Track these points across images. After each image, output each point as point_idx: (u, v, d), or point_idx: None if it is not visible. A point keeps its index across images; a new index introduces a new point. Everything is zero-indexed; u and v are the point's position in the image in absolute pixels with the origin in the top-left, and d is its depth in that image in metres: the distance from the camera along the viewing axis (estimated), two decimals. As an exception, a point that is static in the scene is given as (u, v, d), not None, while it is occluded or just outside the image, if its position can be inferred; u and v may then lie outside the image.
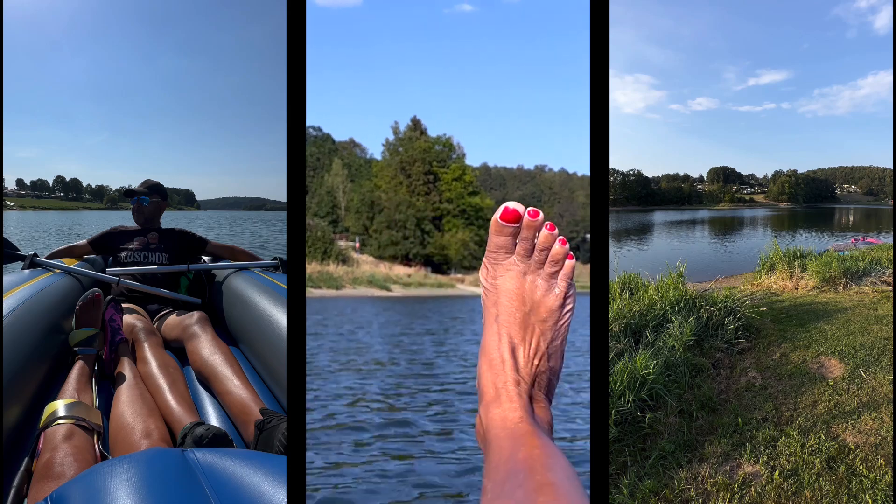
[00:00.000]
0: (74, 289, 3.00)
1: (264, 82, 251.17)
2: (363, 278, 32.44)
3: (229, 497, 1.10)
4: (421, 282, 37.29)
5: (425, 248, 44.66)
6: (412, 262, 43.25)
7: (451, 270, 44.44)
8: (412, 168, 46.90)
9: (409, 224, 44.76)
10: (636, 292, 4.76)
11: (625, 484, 2.40)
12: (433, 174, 47.32)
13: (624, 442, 2.76)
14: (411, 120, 50.29)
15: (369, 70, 68.32)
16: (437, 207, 46.74)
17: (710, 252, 19.52)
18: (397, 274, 37.41)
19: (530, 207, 0.80)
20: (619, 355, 3.46)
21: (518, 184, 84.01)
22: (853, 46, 71.42)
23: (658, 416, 2.96)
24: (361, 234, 45.33)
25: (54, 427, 1.77)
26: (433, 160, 47.48)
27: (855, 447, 2.53)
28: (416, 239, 44.66)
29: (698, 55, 77.82)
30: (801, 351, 3.85)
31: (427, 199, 46.57)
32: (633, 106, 70.81)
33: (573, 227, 71.16)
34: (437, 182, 47.38)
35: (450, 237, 45.65)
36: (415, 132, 49.32)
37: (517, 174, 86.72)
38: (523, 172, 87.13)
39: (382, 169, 49.24)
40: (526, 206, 0.80)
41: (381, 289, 31.67)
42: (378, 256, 43.47)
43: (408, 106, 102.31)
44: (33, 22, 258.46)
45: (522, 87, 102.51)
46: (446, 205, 46.91)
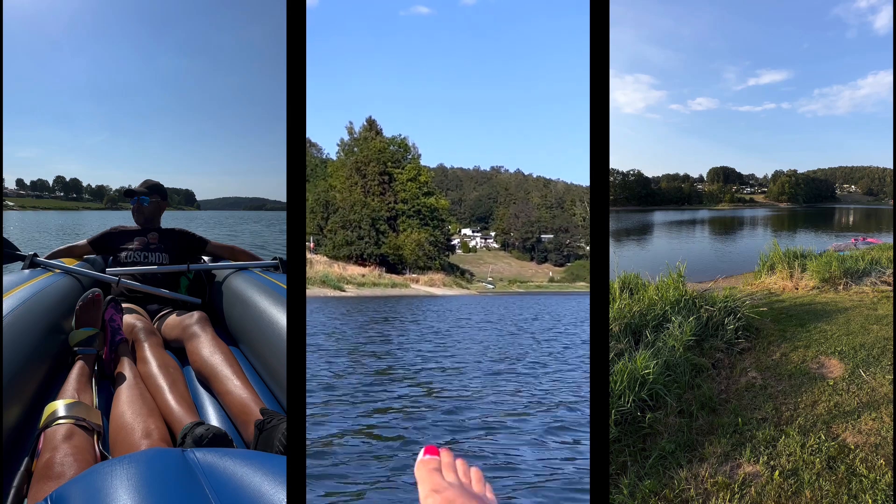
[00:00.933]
0: (74, 289, 3.00)
1: (264, 82, 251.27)
2: (317, 278, 32.40)
3: (229, 497, 1.10)
4: (375, 282, 37.36)
5: (380, 248, 44.69)
6: (367, 263, 43.26)
7: (405, 270, 44.42)
8: (367, 168, 46.85)
9: (363, 224, 44.77)
10: (636, 292, 4.76)
11: (625, 484, 2.40)
12: (388, 174, 47.27)
13: (624, 442, 2.76)
14: (367, 120, 50.38)
15: (325, 70, 68.21)
16: (392, 208, 46.75)
17: (710, 252, 19.53)
18: (351, 274, 37.46)
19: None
20: (619, 355, 3.46)
21: (474, 184, 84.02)
22: (853, 46, 71.47)
23: (658, 416, 2.96)
24: (316, 234, 45.28)
25: (54, 427, 1.77)
26: (388, 160, 47.47)
27: (855, 447, 2.53)
28: (371, 239, 44.67)
29: (698, 55, 77.84)
30: (801, 351, 3.85)
31: (382, 199, 46.53)
32: (633, 106, 70.82)
33: (528, 227, 71.33)
34: (392, 182, 47.33)
35: (405, 237, 45.66)
36: (370, 132, 49.33)
37: (473, 175, 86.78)
38: (479, 173, 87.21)
39: (337, 169, 49.20)
40: (482, 206, 0.86)
41: (335, 289, 31.66)
42: (332, 256, 43.46)
43: (363, 106, 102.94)
44: (33, 22, 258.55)
45: (479, 88, 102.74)
46: (401, 205, 46.89)
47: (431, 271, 45.54)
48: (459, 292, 42.06)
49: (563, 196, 76.79)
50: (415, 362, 8.20)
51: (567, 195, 76.97)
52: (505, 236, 72.95)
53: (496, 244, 74.14)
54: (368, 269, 41.25)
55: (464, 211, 78.89)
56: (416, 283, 41.46)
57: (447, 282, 44.76)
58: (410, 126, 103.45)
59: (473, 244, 73.99)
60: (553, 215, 72.86)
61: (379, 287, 36.17)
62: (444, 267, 48.38)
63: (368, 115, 66.28)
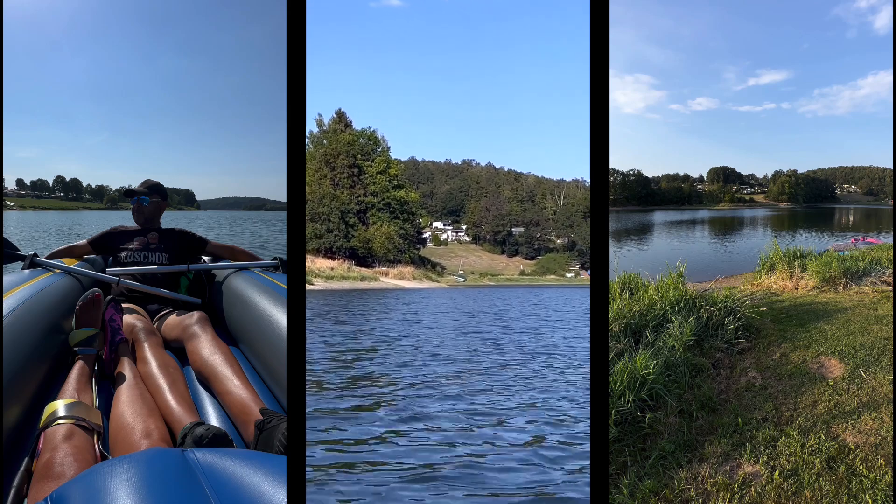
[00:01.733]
0: (74, 289, 3.00)
1: (264, 82, 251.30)
2: (284, 272, 32.41)
3: (229, 497, 1.10)
4: (344, 275, 37.19)
5: (349, 242, 44.44)
6: (336, 256, 43.09)
7: (375, 263, 44.24)
8: (336, 161, 46.62)
9: (332, 217, 44.63)
10: (636, 292, 4.76)
11: (625, 484, 2.40)
12: (358, 167, 46.92)
13: (624, 442, 2.76)
14: (336, 112, 50.13)
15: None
16: (361, 200, 46.49)
17: (710, 252, 19.54)
18: (320, 267, 37.32)
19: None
20: (619, 355, 3.46)
21: (445, 178, 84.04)
22: (853, 46, 71.56)
23: (658, 416, 2.96)
24: (284, 227, 45.03)
25: (54, 427, 1.77)
26: (358, 153, 47.17)
27: (855, 447, 2.53)
28: (341, 232, 44.52)
29: (698, 55, 77.94)
30: (801, 351, 3.85)
31: (351, 192, 46.25)
32: (633, 106, 70.90)
33: (499, 220, 71.46)
34: (361, 175, 46.97)
35: (374, 230, 45.42)
36: (339, 125, 49.16)
37: (445, 168, 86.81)
38: (451, 166, 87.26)
39: (306, 161, 48.88)
40: (453, 199, 0.83)
41: (302, 282, 31.66)
42: (301, 249, 43.25)
43: (333, 98, 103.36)
44: (33, 22, 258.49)
45: (450, 81, 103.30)
46: (371, 198, 46.63)
47: (401, 264, 45.27)
48: (430, 285, 41.94)
49: (534, 189, 76.95)
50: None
51: (538, 188, 77.15)
52: (476, 229, 72.88)
53: (467, 237, 74.08)
54: (337, 262, 41.00)
55: (435, 204, 78.83)
56: (386, 276, 41.33)
57: (417, 275, 44.57)
58: (381, 119, 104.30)
59: (445, 237, 73.75)
60: (524, 209, 73.02)
61: (348, 280, 35.98)
62: (414, 260, 48.06)
63: (338, 107, 66.62)
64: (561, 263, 64.47)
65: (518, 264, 67.02)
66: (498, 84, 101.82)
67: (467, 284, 49.13)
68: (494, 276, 58.66)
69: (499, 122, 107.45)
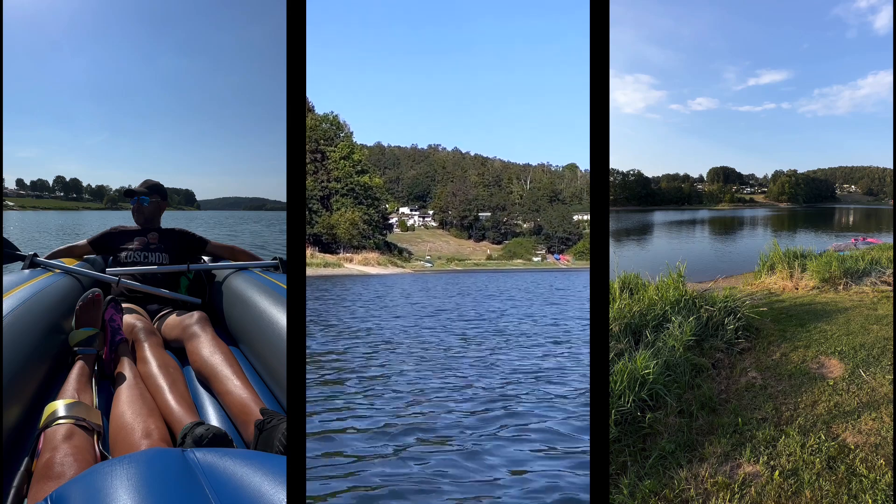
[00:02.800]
0: (74, 289, 3.00)
1: (264, 82, 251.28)
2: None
3: (229, 497, 1.10)
4: (307, 261, 36.93)
5: (313, 228, 44.13)
6: None
7: (340, 250, 43.98)
8: None
9: None
10: (636, 292, 4.77)
11: (625, 484, 2.40)
12: (321, 152, 46.58)
13: (624, 442, 2.76)
14: None
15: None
16: (325, 186, 46.20)
17: (710, 252, 19.53)
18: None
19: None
20: (619, 355, 3.46)
21: (412, 163, 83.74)
22: (853, 46, 71.59)
23: (658, 416, 2.96)
24: (247, 213, 44.99)
25: (54, 427, 1.77)
26: (321, 138, 46.83)
27: (855, 447, 2.53)
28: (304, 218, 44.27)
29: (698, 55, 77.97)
30: (801, 351, 3.85)
31: (315, 177, 45.94)
32: (633, 106, 70.90)
33: (466, 205, 71.39)
34: (325, 161, 46.63)
35: (338, 216, 45.16)
36: None
37: (411, 153, 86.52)
38: (417, 151, 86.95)
39: None
40: (420, 184, 0.81)
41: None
42: (264, 236, 42.86)
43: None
44: (33, 22, 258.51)
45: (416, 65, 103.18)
46: (334, 184, 46.33)
47: (366, 250, 44.82)
48: (395, 271, 41.62)
49: (501, 174, 77.02)
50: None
51: (504, 173, 77.24)
52: (443, 214, 72.68)
53: (434, 222, 73.78)
54: (301, 248, 40.90)
55: (402, 189, 78.55)
56: (350, 262, 41.03)
57: (382, 261, 44.22)
58: (346, 104, 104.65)
59: (412, 223, 73.44)
60: (490, 193, 73.08)
61: (311, 267, 35.65)
62: (379, 246, 47.61)
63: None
64: (527, 248, 64.66)
65: (485, 249, 66.92)
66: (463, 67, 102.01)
67: (434, 270, 48.78)
68: (462, 261, 58.42)
69: (465, 107, 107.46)
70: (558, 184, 76.84)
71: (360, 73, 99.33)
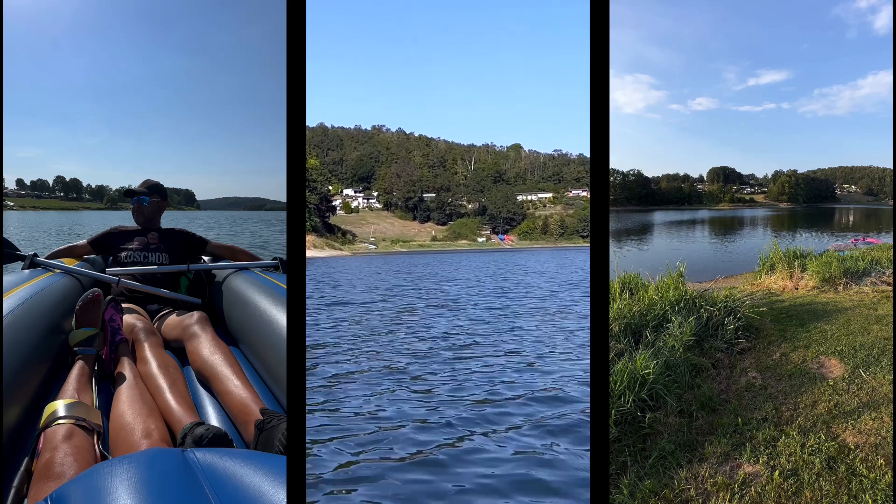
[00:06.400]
0: (74, 289, 3.00)
1: (264, 82, 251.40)
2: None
3: (229, 497, 1.10)
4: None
5: None
6: None
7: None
8: None
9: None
10: (636, 292, 4.77)
11: (625, 484, 2.40)
12: None
13: (624, 442, 2.76)
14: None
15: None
16: None
17: (710, 252, 19.54)
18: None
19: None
20: (619, 355, 3.46)
21: (356, 144, 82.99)
22: (853, 46, 71.61)
23: (658, 416, 2.96)
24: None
25: (54, 427, 1.77)
26: None
27: (855, 447, 2.53)
28: None
29: (698, 55, 77.96)
30: (801, 351, 3.85)
31: None
32: (633, 106, 70.91)
33: (411, 186, 71.11)
34: None
35: None
36: None
37: (354, 134, 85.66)
38: (361, 132, 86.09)
39: None
40: (364, 165, 0.80)
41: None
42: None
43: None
44: (33, 22, 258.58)
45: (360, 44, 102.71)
46: None
47: (310, 233, 44.15)
48: (333, 254, 41.09)
49: (445, 155, 77.01)
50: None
51: (449, 154, 77.24)
52: (387, 196, 72.39)
53: (378, 204, 73.33)
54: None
55: (345, 171, 77.97)
56: None
57: (319, 244, 43.79)
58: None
59: (356, 204, 72.85)
60: (435, 174, 73.15)
61: None
62: (316, 228, 46.92)
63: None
64: (472, 228, 64.68)
65: (430, 230, 66.84)
66: (410, 50, 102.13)
67: (379, 251, 48.41)
68: (406, 243, 58.25)
69: (409, 86, 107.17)
70: (503, 164, 76.74)
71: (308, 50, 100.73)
